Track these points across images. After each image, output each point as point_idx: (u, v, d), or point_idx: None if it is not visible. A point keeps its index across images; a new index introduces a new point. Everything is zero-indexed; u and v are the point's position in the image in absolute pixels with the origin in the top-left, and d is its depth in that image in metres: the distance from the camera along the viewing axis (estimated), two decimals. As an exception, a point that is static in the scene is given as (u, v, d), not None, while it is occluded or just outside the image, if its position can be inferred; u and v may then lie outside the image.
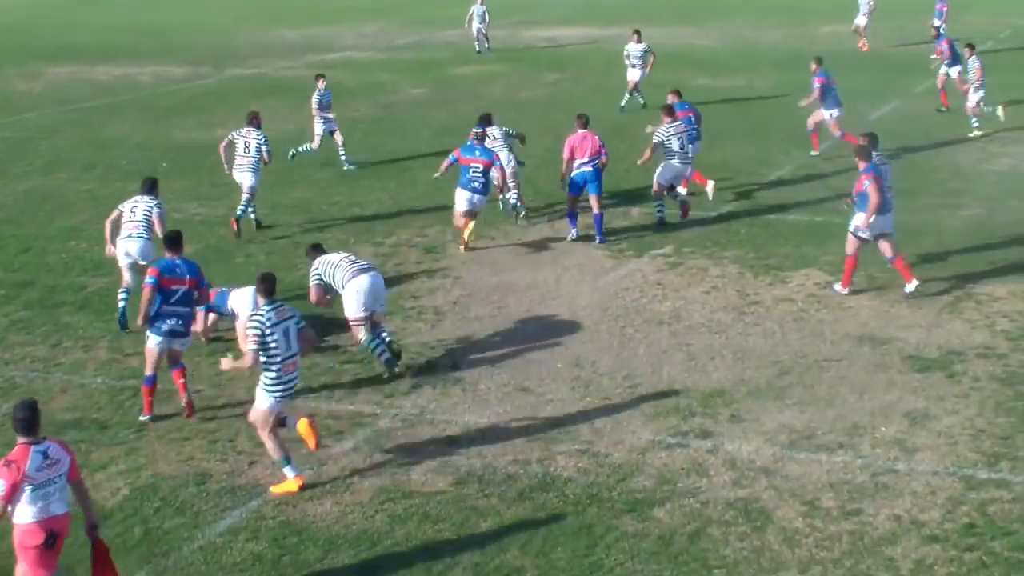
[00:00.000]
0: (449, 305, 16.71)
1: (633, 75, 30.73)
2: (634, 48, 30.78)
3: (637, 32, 31.56)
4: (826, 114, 24.75)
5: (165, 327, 13.06)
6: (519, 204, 20.60)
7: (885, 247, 16.60)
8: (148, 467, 12.08)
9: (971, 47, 27.56)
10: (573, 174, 19.40)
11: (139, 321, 13.31)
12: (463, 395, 13.70)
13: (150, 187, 16.37)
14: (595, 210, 19.37)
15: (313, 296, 14.80)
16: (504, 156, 20.22)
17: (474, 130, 19.98)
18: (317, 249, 15.06)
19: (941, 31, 32.11)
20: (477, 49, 41.84)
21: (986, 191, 22.00)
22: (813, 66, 25.05)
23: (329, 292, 14.71)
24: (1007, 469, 11.63)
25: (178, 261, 13.35)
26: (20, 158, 26.53)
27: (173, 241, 13.60)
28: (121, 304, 15.77)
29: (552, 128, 25.23)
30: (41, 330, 15.92)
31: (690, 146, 20.39)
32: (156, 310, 13.06)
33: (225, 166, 20.13)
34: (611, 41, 42.42)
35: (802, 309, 16.16)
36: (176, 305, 13.13)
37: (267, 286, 12.03)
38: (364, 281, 14.33)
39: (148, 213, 15.94)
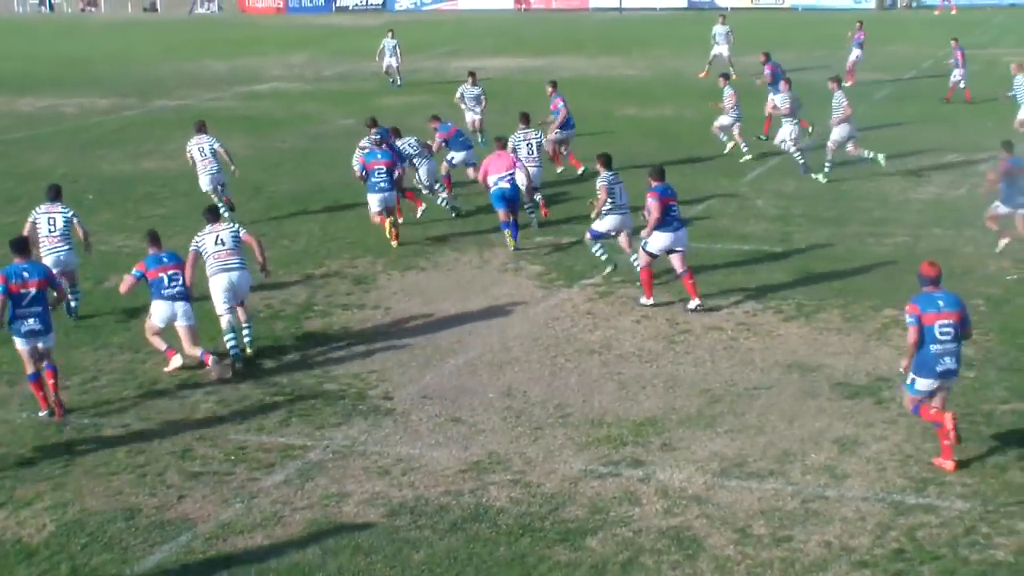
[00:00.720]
0: (380, 336, 16.67)
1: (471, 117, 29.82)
2: (468, 90, 29.88)
3: (472, 74, 30.61)
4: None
5: (24, 329, 13.87)
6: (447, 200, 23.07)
7: (676, 262, 17.43)
8: (75, 502, 11.91)
9: (836, 80, 25.84)
10: (493, 190, 20.80)
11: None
12: (395, 426, 13.66)
13: (57, 194, 17.55)
14: (507, 218, 20.75)
15: (190, 260, 15.85)
16: (425, 165, 22.88)
17: (372, 136, 22.37)
18: (212, 214, 16.47)
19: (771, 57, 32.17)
20: (391, 82, 41.87)
21: (911, 219, 22.37)
22: (762, 58, 28.72)
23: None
24: (934, 494, 11.80)
25: (25, 265, 14.08)
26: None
27: (19, 246, 14.39)
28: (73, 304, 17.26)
29: (479, 156, 25.28)
30: (-36, 365, 15.66)
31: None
32: (12, 314, 13.82)
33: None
34: (539, 72, 42.70)
35: (732, 337, 16.32)
36: (29, 307, 13.87)
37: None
38: (223, 280, 15.68)
39: (67, 222, 17.18)
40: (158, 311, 15.23)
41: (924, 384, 12.36)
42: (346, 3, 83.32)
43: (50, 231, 17.05)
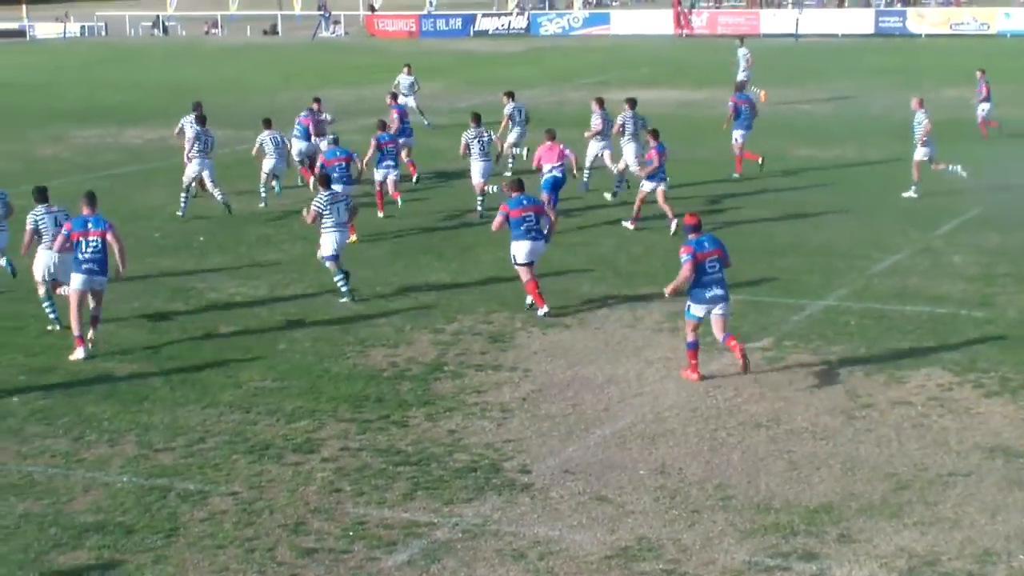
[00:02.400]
0: (517, 401, 16.75)
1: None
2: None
3: (508, 94, 33.88)
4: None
5: (84, 268, 18.61)
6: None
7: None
8: (177, 578, 12.18)
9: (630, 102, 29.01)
10: (545, 177, 26.04)
11: None
12: (532, 504, 13.69)
13: (45, 194, 20.33)
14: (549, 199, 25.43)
15: (27, 239, 19.83)
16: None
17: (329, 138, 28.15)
18: (42, 194, 20.14)
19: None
20: (426, 123, 41.75)
21: None
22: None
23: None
24: None
25: (90, 217, 18.77)
26: (42, 229, 27.01)
27: (88, 199, 19.18)
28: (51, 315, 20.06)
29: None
30: (63, 421, 16.16)
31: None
32: (76, 258, 18.67)
33: None
34: (699, 105, 42.71)
35: (922, 414, 16.03)
36: (90, 252, 18.63)
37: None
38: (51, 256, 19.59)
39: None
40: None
41: (698, 309, 17.07)
42: (485, 27, 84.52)
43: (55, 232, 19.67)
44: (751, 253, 23.63)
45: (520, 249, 20.21)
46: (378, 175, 28.17)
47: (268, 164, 29.60)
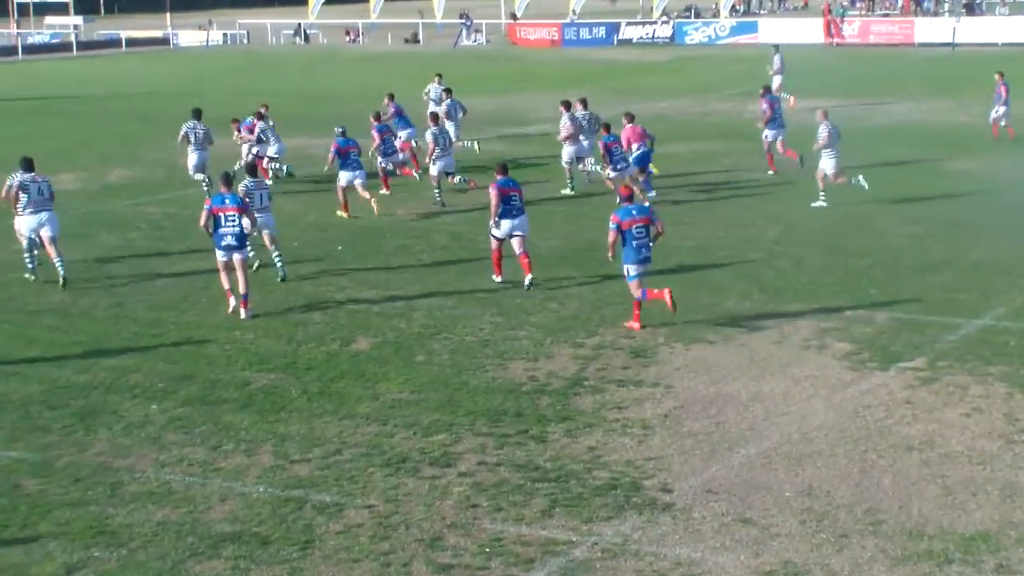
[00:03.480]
0: (659, 418, 16.67)
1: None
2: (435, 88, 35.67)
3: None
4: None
5: (223, 243, 21.33)
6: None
7: (515, 244, 22.87)
8: (312, 591, 12.32)
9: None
10: (635, 155, 29.98)
11: None
12: (673, 524, 13.60)
13: (31, 164, 23.94)
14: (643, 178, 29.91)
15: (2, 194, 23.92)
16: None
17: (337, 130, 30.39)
18: (28, 165, 23.74)
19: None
20: (463, 144, 38.37)
21: None
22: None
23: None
24: None
25: (227, 195, 21.69)
26: (184, 237, 27.65)
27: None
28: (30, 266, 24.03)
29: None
30: (200, 430, 16.46)
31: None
32: (216, 232, 21.51)
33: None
34: (852, 118, 42.16)
35: (1086, 440, 15.61)
36: (229, 226, 21.44)
37: None
38: (32, 221, 23.49)
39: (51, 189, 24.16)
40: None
41: (633, 269, 20.23)
42: (629, 36, 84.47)
43: (39, 197, 23.74)
44: (903, 270, 23.27)
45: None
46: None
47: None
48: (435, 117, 32.35)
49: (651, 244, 20.49)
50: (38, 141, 37.78)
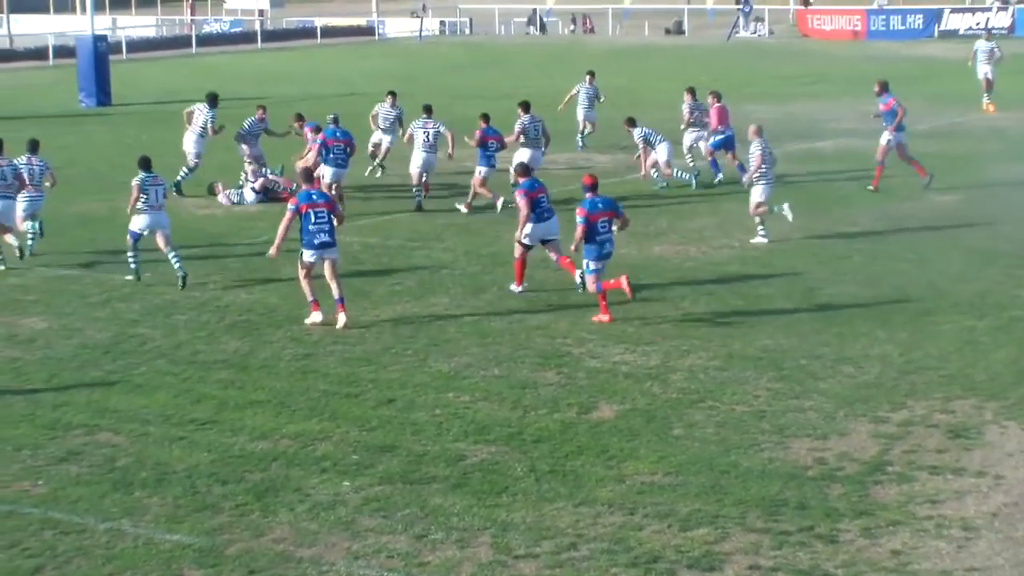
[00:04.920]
0: (985, 517, 16.35)
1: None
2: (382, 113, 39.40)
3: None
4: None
5: (316, 241, 24.02)
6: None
7: (550, 250, 26.08)
8: None
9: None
10: (718, 138, 36.97)
11: None
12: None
13: (36, 146, 30.25)
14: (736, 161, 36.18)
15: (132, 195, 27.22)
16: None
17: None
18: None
19: None
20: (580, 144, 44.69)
21: None
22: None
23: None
24: None
25: (314, 191, 24.85)
26: (385, 274, 28.15)
27: (306, 176, 26.27)
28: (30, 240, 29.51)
29: None
30: (403, 514, 16.66)
31: None
32: (305, 230, 24.17)
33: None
34: None
35: None
36: (319, 224, 24.25)
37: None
38: (147, 219, 27.04)
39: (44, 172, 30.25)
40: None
41: (594, 264, 24.08)
42: (954, 25, 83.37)
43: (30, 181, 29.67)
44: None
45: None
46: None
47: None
48: (428, 109, 36.48)
49: (613, 239, 24.61)
50: (210, 151, 38.82)
